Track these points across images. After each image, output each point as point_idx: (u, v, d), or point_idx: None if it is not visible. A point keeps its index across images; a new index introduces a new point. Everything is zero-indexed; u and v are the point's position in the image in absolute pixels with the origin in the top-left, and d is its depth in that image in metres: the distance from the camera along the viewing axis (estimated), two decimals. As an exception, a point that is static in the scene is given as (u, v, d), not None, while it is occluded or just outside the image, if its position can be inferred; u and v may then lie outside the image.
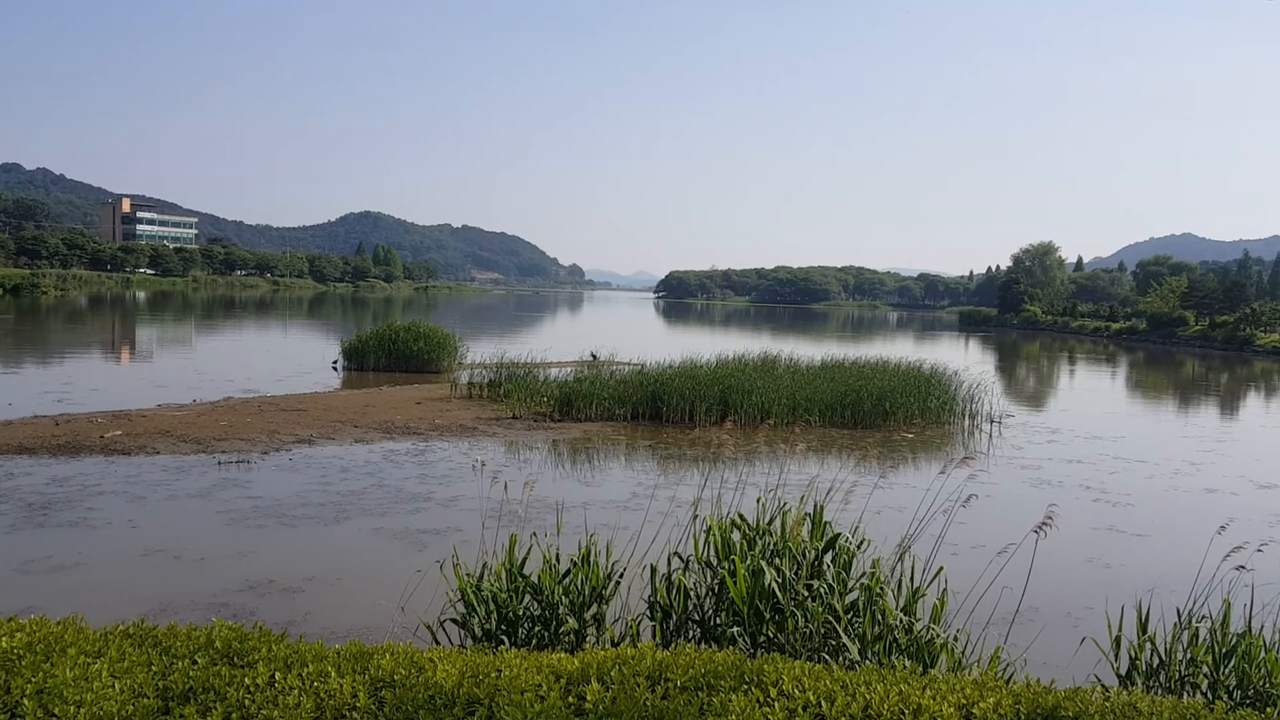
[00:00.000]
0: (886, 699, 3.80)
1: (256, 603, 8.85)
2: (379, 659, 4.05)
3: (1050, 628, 9.03)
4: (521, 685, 3.85)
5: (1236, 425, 28.78)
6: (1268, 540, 12.74)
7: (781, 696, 3.80)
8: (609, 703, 3.68)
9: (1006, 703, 3.83)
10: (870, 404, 22.46)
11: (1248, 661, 5.88)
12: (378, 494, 13.43)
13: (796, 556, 6.23)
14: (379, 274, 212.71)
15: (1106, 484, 16.64)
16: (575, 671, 4.06)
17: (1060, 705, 3.79)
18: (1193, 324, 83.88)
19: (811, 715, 3.68)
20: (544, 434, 19.37)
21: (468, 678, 3.92)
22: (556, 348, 39.20)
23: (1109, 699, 3.97)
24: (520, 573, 6.28)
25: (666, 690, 3.88)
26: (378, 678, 3.89)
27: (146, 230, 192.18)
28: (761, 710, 3.65)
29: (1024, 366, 54.44)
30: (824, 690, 3.87)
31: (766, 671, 4.04)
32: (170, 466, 14.57)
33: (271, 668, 3.91)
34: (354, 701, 3.68)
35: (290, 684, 3.77)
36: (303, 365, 31.87)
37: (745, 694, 3.80)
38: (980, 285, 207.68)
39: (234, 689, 3.70)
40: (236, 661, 4.01)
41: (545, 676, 3.99)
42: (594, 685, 3.85)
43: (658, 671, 4.06)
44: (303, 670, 3.90)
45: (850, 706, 3.74)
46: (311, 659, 4.01)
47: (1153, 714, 3.78)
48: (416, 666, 4.02)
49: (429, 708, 3.63)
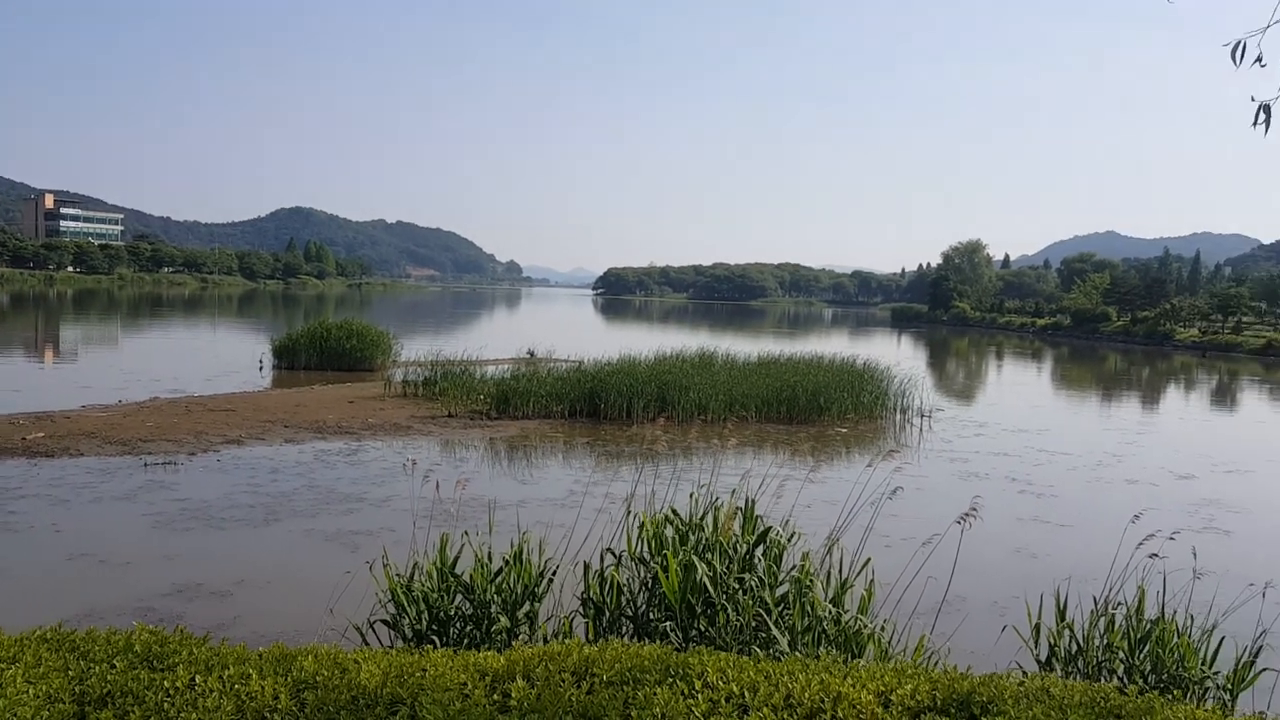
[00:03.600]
0: (808, 688, 3.87)
1: (184, 607, 8.69)
2: (302, 660, 4.02)
3: (977, 617, 9.25)
4: (446, 684, 3.85)
5: (1156, 418, 29.67)
6: (1181, 529, 13.19)
7: (706, 688, 3.85)
8: (534, 699, 3.70)
9: (924, 689, 3.93)
10: (805, 400, 22.76)
11: (1161, 646, 6.10)
12: (309, 495, 13.25)
13: (728, 550, 6.31)
14: (311, 271, 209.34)
15: (1031, 476, 17.06)
16: (501, 669, 4.07)
17: (975, 690, 3.91)
18: (1115, 320, 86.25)
19: (735, 706, 3.74)
20: (480, 432, 19.27)
21: (392, 678, 3.91)
22: (494, 345, 38.99)
23: (1024, 684, 4.11)
24: (452, 572, 6.26)
25: (592, 685, 3.91)
26: (300, 679, 3.86)
27: (71, 227, 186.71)
28: (685, 702, 3.70)
29: (953, 362, 55.49)
30: (747, 681, 3.93)
31: (692, 664, 4.10)
32: (95, 469, 14.21)
33: (192, 670, 3.86)
34: (275, 703, 3.64)
35: (211, 686, 3.73)
36: (232, 364, 31.25)
37: (670, 687, 3.84)
38: (912, 282, 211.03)
39: (153, 692, 3.65)
40: (156, 665, 3.95)
41: (471, 675, 3.98)
42: (519, 682, 3.86)
43: (584, 667, 4.09)
44: (223, 673, 3.86)
45: (773, 696, 3.80)
46: (233, 661, 3.97)
47: (1065, 697, 3.91)
48: (340, 667, 3.99)
49: (351, 708, 3.62)
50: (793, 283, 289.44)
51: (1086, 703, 3.84)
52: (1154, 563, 6.79)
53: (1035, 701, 3.80)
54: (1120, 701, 3.88)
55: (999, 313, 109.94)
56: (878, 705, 3.77)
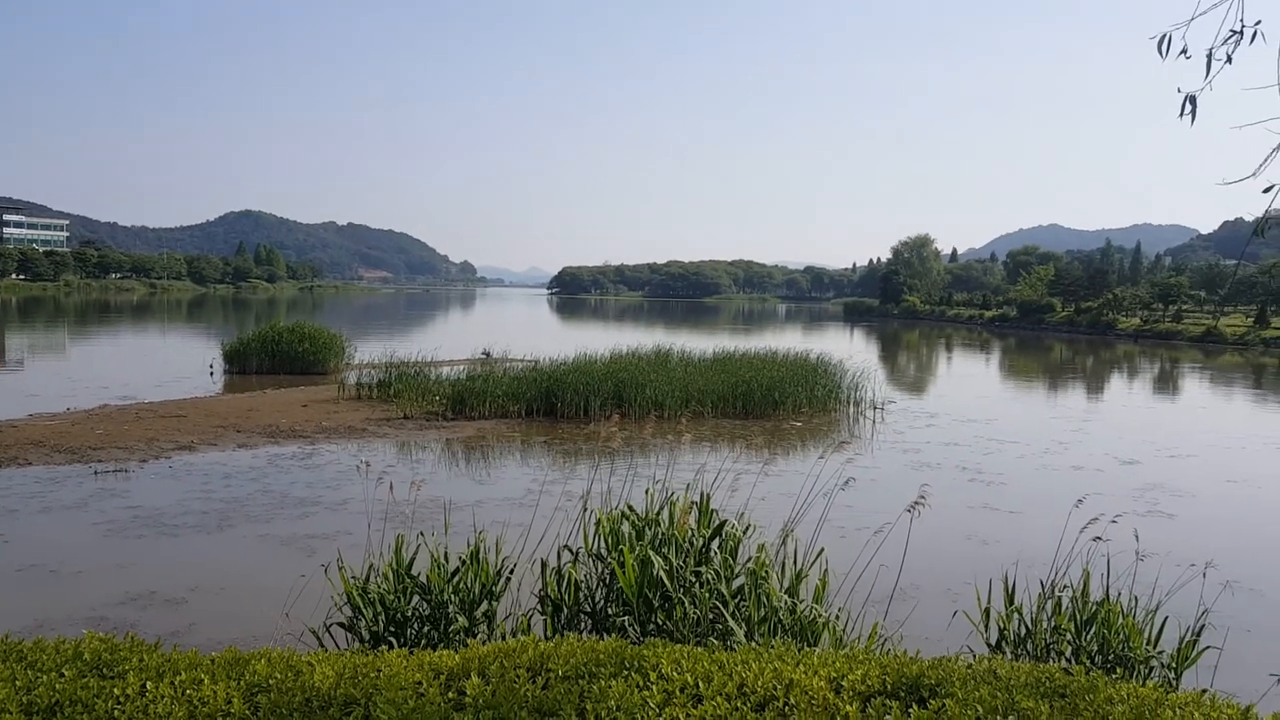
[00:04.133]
0: (761, 676, 3.96)
1: (138, 615, 8.62)
2: (255, 664, 4.01)
3: (931, 603, 9.44)
4: (401, 683, 3.87)
5: (1101, 405, 30.30)
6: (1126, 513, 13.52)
7: (661, 679, 3.92)
8: (489, 696, 3.73)
9: (874, 674, 4.03)
10: (760, 394, 22.99)
11: (1106, 627, 6.29)
12: (263, 500, 13.16)
13: (684, 544, 6.40)
14: (261, 274, 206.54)
15: (981, 464, 17.38)
16: (456, 667, 4.09)
17: (924, 674, 4.03)
18: (1060, 310, 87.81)
19: (689, 695, 3.81)
20: (436, 433, 19.22)
21: (346, 679, 3.91)
22: (449, 346, 38.82)
23: (971, 666, 4.24)
24: (408, 573, 6.28)
25: (548, 680, 3.95)
26: (253, 683, 3.86)
27: (14, 234, 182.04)
28: (641, 694, 3.76)
29: (904, 355, 56.17)
30: (701, 671, 4.00)
31: (647, 657, 4.16)
32: (44, 478, 13.99)
33: (143, 677, 3.84)
34: (228, 708, 3.64)
35: (162, 693, 3.71)
36: (182, 370, 30.80)
37: (626, 679, 3.90)
38: (863, 277, 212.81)
39: (102, 700, 3.63)
40: (106, 673, 3.92)
41: (426, 674, 4.01)
42: (474, 680, 3.89)
43: (539, 663, 4.13)
44: (175, 679, 3.84)
45: (726, 685, 3.88)
46: (184, 667, 3.95)
47: (1011, 677, 4.04)
48: (294, 670, 3.99)
49: (305, 710, 3.62)
50: (746, 279, 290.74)
51: (1032, 683, 3.96)
52: (1100, 546, 7.00)
53: (982, 683, 3.92)
54: (1065, 681, 4.01)
55: (948, 305, 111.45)
56: (829, 691, 3.85)
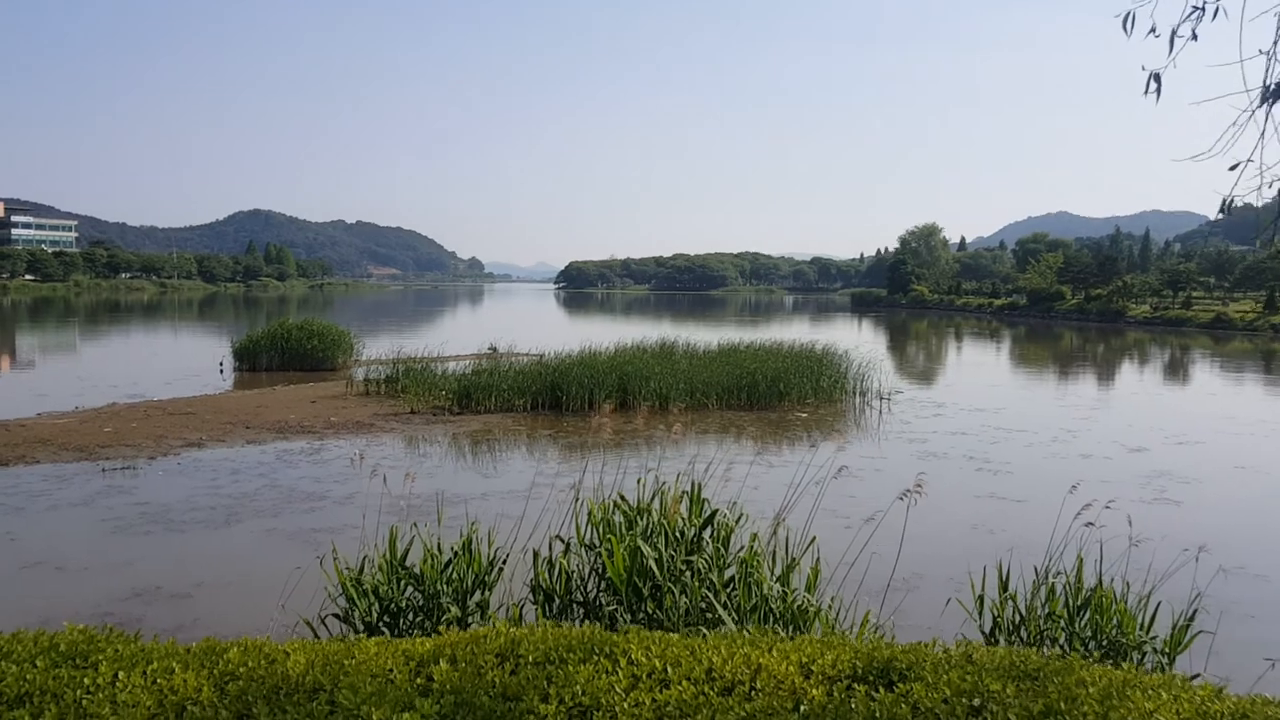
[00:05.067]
0: (730, 661, 4.00)
1: (143, 610, 8.67)
2: (228, 653, 4.06)
3: (933, 592, 9.41)
4: (371, 669, 3.91)
5: (1111, 393, 30.20)
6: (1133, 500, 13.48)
7: (631, 665, 3.96)
8: (455, 680, 3.78)
9: (845, 659, 4.06)
10: (765, 386, 22.97)
11: (1100, 613, 6.27)
12: (270, 495, 13.21)
13: (674, 534, 6.41)
14: (271, 273, 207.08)
15: (989, 454, 17.34)
16: (427, 653, 4.14)
17: (896, 658, 4.04)
18: (1069, 298, 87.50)
19: (656, 680, 3.85)
20: (443, 427, 19.26)
21: (317, 666, 3.95)
22: (457, 341, 38.88)
23: (948, 652, 4.26)
24: (402, 564, 6.31)
25: (517, 665, 4.00)
26: (225, 671, 3.90)
27: (23, 235, 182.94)
28: (608, 678, 3.80)
29: (913, 345, 56.04)
30: (671, 657, 4.05)
31: (618, 643, 4.20)
32: (51, 476, 14.07)
33: (116, 667, 3.87)
34: (197, 695, 3.68)
35: (133, 682, 3.74)
36: (192, 368, 30.92)
37: (594, 665, 3.94)
38: (871, 267, 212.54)
39: (72, 690, 3.66)
40: (80, 663, 3.95)
41: (397, 660, 4.05)
42: (442, 665, 3.94)
43: (510, 648, 4.18)
44: (147, 668, 3.87)
45: (694, 670, 3.92)
46: (158, 656, 3.99)
47: (987, 662, 4.05)
48: (269, 659, 4.03)
49: (272, 697, 3.66)
50: (753, 271, 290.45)
51: (1006, 666, 3.97)
52: (1098, 533, 7.00)
53: (954, 667, 3.94)
54: (1040, 664, 4.02)
55: (957, 294, 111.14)
56: (799, 675, 3.89)
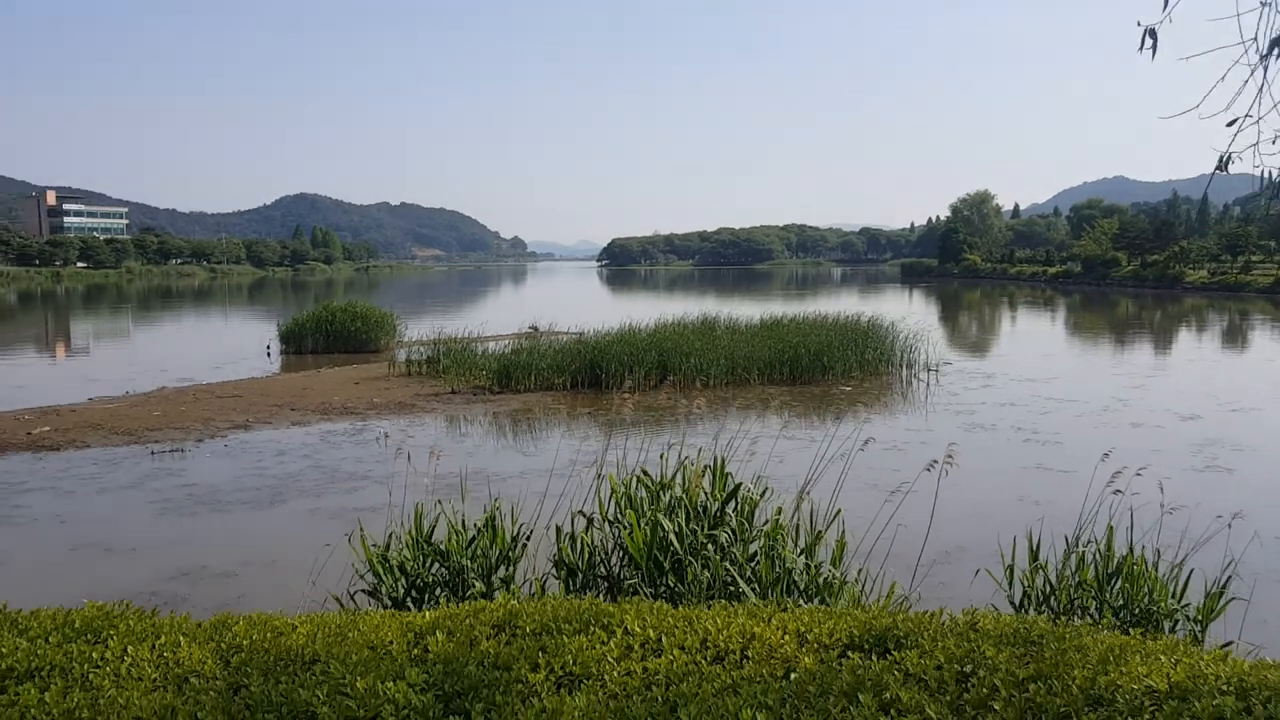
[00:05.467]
0: (725, 630, 3.99)
1: (189, 590, 8.79)
2: (235, 627, 4.12)
3: (974, 564, 9.25)
4: (370, 641, 3.96)
5: (1165, 361, 29.54)
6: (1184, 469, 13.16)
7: (626, 635, 3.97)
8: (450, 650, 3.83)
9: (843, 627, 4.03)
10: (808, 360, 22.72)
11: (1130, 582, 6.10)
12: (314, 475, 13.35)
13: (697, 508, 6.35)
14: (318, 256, 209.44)
15: (1037, 424, 17.03)
16: (426, 625, 4.20)
17: (895, 626, 3.99)
18: (1125, 265, 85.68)
19: (649, 649, 3.86)
20: (483, 407, 19.34)
21: (319, 638, 4.01)
22: (499, 320, 39.06)
23: (954, 620, 4.17)
24: (428, 540, 6.33)
25: (512, 636, 4.03)
26: (232, 645, 3.97)
27: (75, 222, 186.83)
28: (600, 648, 3.82)
29: (965, 315, 55.30)
30: (666, 626, 4.05)
31: (614, 614, 4.22)
32: (101, 459, 14.33)
33: (126, 642, 3.94)
34: (200, 667, 3.75)
35: (141, 656, 3.82)
36: (240, 352, 31.38)
37: (589, 635, 3.97)
38: (921, 236, 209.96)
39: (79, 664, 3.73)
40: (92, 639, 4.03)
41: (398, 632, 4.10)
42: (438, 636, 4.00)
43: (508, 620, 4.22)
44: (156, 641, 3.95)
45: (688, 639, 3.92)
46: (166, 630, 4.07)
47: (992, 630, 3.97)
48: (275, 632, 4.09)
49: (271, 668, 3.72)
50: (799, 244, 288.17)
51: (1010, 634, 3.90)
52: (1135, 500, 6.82)
53: (953, 635, 3.88)
54: (1045, 631, 3.93)
55: (1009, 263, 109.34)
56: (794, 644, 3.87)
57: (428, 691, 3.47)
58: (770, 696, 3.34)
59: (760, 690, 3.39)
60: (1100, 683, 3.31)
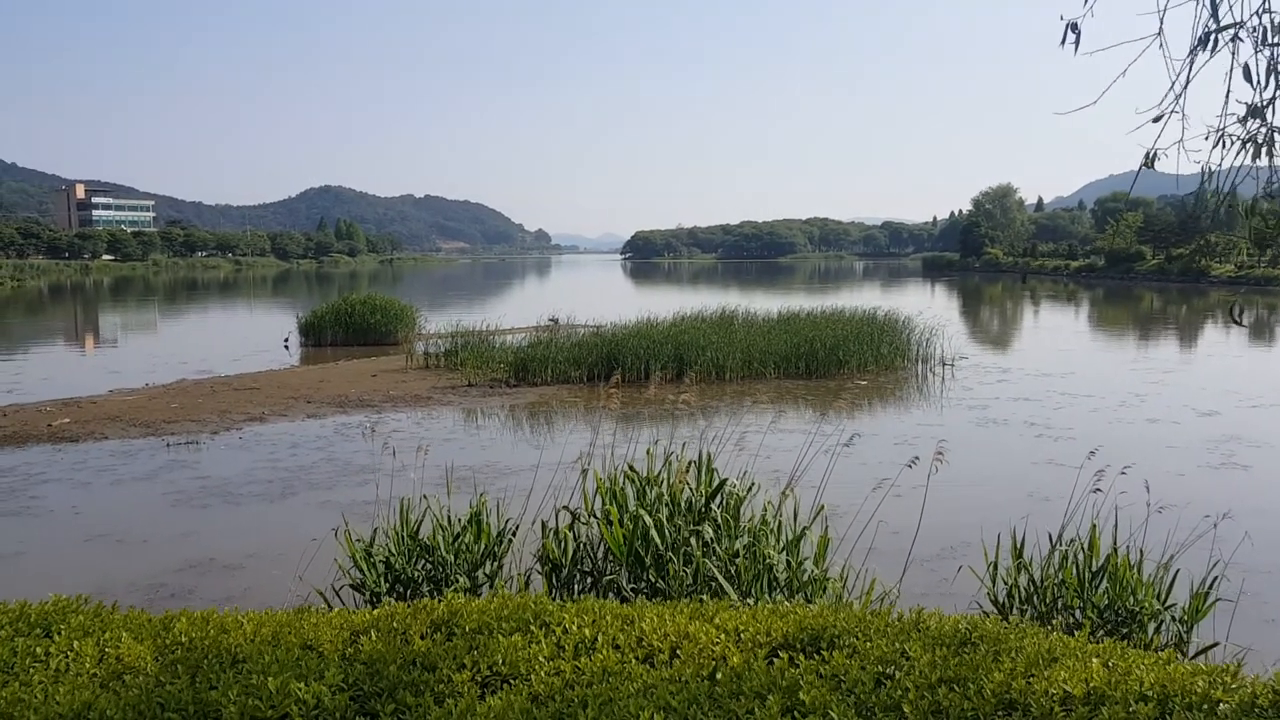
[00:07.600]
0: (661, 629, 4.02)
1: (195, 581, 8.90)
2: (178, 624, 4.19)
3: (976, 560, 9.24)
4: (307, 640, 4.01)
5: (1187, 356, 29.25)
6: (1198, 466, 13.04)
7: (563, 634, 4.00)
8: (379, 650, 3.88)
9: (779, 627, 4.05)
10: (824, 354, 22.67)
11: (1113, 583, 6.06)
12: (327, 468, 13.46)
13: (681, 503, 6.37)
14: (342, 249, 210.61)
15: (1051, 420, 16.92)
16: (365, 623, 4.25)
17: (830, 626, 4.01)
18: (1149, 258, 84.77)
19: (583, 649, 3.89)
20: (499, 400, 19.43)
21: (260, 637, 4.06)
22: (520, 313, 39.16)
23: (902, 619, 4.18)
24: (413, 535, 6.39)
25: (449, 635, 4.07)
26: (173, 641, 4.03)
27: (103, 215, 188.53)
28: (532, 647, 3.85)
29: (985, 309, 54.95)
30: (604, 625, 4.09)
31: (553, 613, 4.26)
32: (118, 451, 14.51)
33: (72, 637, 4.01)
34: (139, 665, 3.80)
35: (84, 651, 3.88)
36: (260, 344, 31.63)
37: (524, 634, 4.00)
38: (943, 230, 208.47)
39: (19, 658, 3.80)
40: (39, 633, 4.10)
41: (338, 630, 4.15)
42: (371, 635, 4.06)
43: (448, 618, 4.26)
44: (101, 637, 4.01)
45: (622, 638, 3.96)
46: (114, 626, 4.14)
47: (935, 630, 3.98)
48: (220, 629, 4.15)
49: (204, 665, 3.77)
50: (822, 237, 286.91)
51: (949, 635, 3.91)
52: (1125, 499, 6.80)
53: (889, 635, 3.90)
54: (988, 631, 3.94)
55: (1032, 257, 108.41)
56: (730, 643, 3.89)
57: (345, 692, 3.49)
58: (678, 698, 3.35)
59: (674, 691, 3.41)
60: (1015, 687, 3.31)
